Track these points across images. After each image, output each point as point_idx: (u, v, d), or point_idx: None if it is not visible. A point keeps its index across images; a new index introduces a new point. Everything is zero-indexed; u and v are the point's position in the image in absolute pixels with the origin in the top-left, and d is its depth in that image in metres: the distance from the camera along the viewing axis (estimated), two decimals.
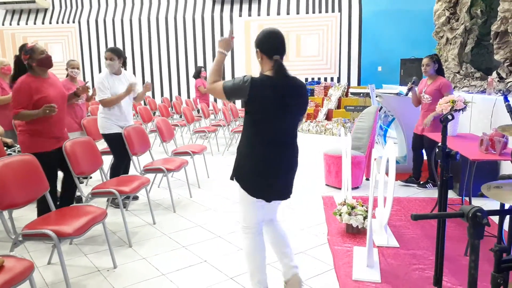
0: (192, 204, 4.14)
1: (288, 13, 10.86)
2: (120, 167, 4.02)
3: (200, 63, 11.16)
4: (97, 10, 11.36)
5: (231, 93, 2.07)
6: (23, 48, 3.10)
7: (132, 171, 4.13)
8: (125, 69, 4.13)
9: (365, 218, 3.18)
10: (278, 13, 10.90)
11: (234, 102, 10.05)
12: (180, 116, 9.62)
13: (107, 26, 11.27)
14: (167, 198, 4.19)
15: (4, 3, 11.20)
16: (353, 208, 3.25)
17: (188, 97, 11.27)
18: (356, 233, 3.25)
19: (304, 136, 8.51)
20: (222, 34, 11.07)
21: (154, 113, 9.34)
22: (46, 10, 11.53)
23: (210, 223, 3.55)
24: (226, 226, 3.47)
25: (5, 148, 4.14)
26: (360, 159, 4.43)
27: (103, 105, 3.90)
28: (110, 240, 2.82)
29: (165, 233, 3.36)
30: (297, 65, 10.66)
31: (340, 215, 3.25)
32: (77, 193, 4.21)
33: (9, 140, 4.32)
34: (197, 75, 8.27)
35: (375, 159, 3.22)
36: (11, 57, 11.69)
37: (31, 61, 3.05)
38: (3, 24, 11.54)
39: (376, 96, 5.80)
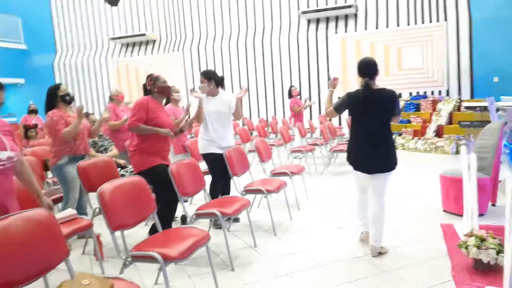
0: (292, 227, 3.97)
1: (387, 26, 10.34)
2: (217, 187, 4.05)
3: (295, 82, 11.13)
4: (198, 38, 12.09)
5: (338, 108, 3.27)
6: (150, 76, 3.47)
7: (232, 191, 4.12)
8: (223, 89, 4.16)
9: (498, 252, 2.68)
10: (377, 27, 10.44)
11: (331, 119, 9.78)
12: (276, 136, 9.63)
13: (207, 52, 11.91)
14: (267, 220, 4.07)
15: (120, 38, 12.51)
16: (482, 240, 2.77)
17: (284, 116, 11.28)
18: (487, 270, 2.75)
19: (412, 155, 7.85)
20: (317, 53, 10.95)
21: (251, 133, 9.47)
22: (154, 41, 12.61)
23: (313, 250, 3.33)
24: (330, 254, 3.21)
25: (118, 169, 4.43)
26: (484, 182, 3.84)
27: (198, 121, 4.03)
28: (212, 263, 2.76)
29: (266, 257, 3.21)
30: (399, 79, 10.04)
31: (466, 248, 2.78)
32: (182, 212, 4.34)
33: (122, 161, 4.64)
34: (289, 94, 8.19)
35: (500, 181, 2.72)
36: (126, 85, 12.97)
37: (153, 87, 3.43)
38: (118, 57, 12.88)
39: (498, 110, 5.10)
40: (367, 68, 3.09)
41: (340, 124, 10.74)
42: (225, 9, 11.77)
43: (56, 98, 3.71)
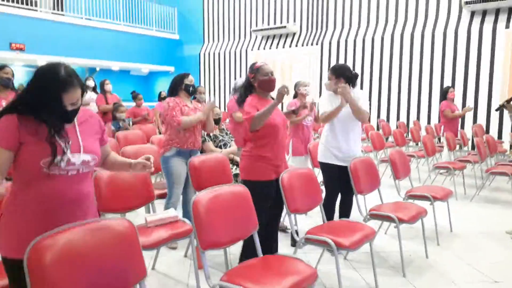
0: (428, 269, 3.14)
1: None
2: (333, 205, 3.45)
3: (447, 82, 9.60)
4: (340, 31, 11.37)
5: None
6: (251, 66, 2.93)
7: (354, 211, 3.47)
8: (353, 87, 3.49)
9: None
10: None
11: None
12: (417, 144, 8.43)
13: (348, 46, 11.12)
14: (395, 253, 3.33)
15: (261, 30, 12.58)
16: None
17: (429, 122, 9.87)
18: None
19: None
20: (479, 50, 9.22)
21: (387, 139, 8.46)
22: (294, 34, 12.33)
23: None
24: None
25: (234, 167, 4.17)
26: None
27: (320, 120, 3.47)
28: None
29: None
30: None
31: None
32: (287, 227, 3.87)
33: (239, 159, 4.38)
34: (443, 96, 6.95)
35: None
36: None
37: (253, 80, 2.88)
38: (258, 49, 12.99)
39: None
40: None
41: (500, 137, 8.89)
42: None
43: (180, 86, 3.59)
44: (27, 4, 10.32)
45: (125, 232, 1.71)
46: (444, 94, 6.94)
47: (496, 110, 4.92)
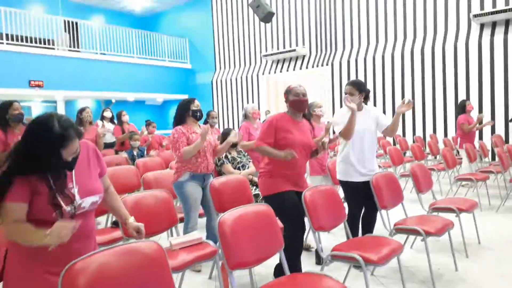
0: (459, 282, 3.05)
1: None
2: (357, 220, 3.39)
3: (462, 96, 9.53)
4: (349, 51, 11.48)
5: None
6: (287, 88, 3.08)
7: (378, 226, 3.42)
8: (366, 103, 3.49)
9: None
10: None
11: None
12: (435, 158, 8.32)
13: (358, 64, 11.20)
14: (424, 267, 3.25)
15: (271, 54, 12.78)
16: None
17: (445, 135, 9.75)
18: None
19: None
20: (492, 61, 9.18)
21: (405, 154, 8.38)
22: (304, 56, 12.48)
23: None
24: None
25: (253, 188, 4.18)
26: None
27: (342, 137, 3.35)
28: None
29: None
30: None
31: None
32: (310, 246, 3.83)
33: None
34: (461, 110, 6.89)
35: None
36: (274, 101, 13.19)
37: (286, 101, 3.03)
38: (269, 73, 13.17)
39: None
40: None
41: None
42: (380, 17, 10.89)
43: (187, 112, 3.58)
44: (44, 43, 10.75)
45: (154, 255, 1.73)
46: (463, 107, 6.87)
47: (510, 121, 4.86)
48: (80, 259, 1.50)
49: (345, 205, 3.40)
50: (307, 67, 12.30)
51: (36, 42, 10.53)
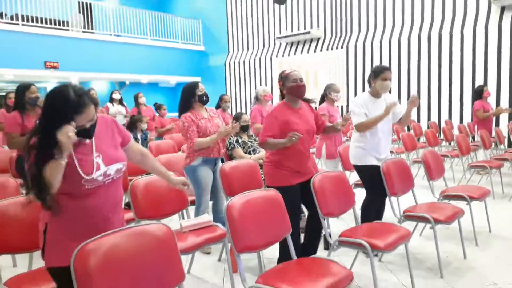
0: (467, 271, 3.05)
1: None
2: (373, 206, 3.39)
3: (480, 81, 9.32)
4: (365, 34, 11.27)
5: None
6: (280, 74, 2.96)
7: (387, 213, 3.42)
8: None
9: None
10: None
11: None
12: (450, 144, 8.22)
13: (374, 48, 11.00)
14: (432, 254, 3.25)
15: (285, 36, 12.63)
16: None
17: (461, 121, 9.59)
18: None
19: None
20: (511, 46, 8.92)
21: (419, 140, 8.28)
22: (318, 39, 12.31)
23: None
24: None
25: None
26: None
27: (357, 130, 3.37)
28: None
29: None
30: None
31: None
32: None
33: None
34: (477, 95, 6.76)
35: None
36: None
37: (283, 88, 2.92)
38: (282, 56, 13.05)
39: None
40: None
41: None
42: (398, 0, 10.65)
43: (193, 97, 3.51)
44: (59, 24, 10.81)
45: (163, 237, 1.77)
46: (479, 93, 6.75)
47: None
48: (90, 240, 1.55)
49: (356, 190, 3.41)
50: (321, 50, 12.13)
51: (51, 24, 10.59)
